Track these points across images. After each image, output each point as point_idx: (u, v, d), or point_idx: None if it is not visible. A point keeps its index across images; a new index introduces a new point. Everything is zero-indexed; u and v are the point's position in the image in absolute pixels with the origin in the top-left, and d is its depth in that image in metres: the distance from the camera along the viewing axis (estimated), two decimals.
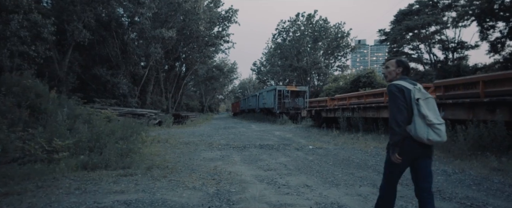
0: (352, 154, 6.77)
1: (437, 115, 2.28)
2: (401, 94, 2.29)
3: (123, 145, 6.05)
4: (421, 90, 2.32)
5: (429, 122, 2.21)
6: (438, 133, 2.22)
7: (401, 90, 2.31)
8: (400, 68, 2.51)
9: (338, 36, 36.87)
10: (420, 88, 2.34)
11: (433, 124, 2.21)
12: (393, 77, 2.53)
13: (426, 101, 2.28)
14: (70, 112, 8.02)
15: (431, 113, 2.24)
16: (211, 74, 50.74)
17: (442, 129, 2.24)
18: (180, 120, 22.69)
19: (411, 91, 2.30)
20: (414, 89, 2.31)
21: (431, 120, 2.21)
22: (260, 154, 6.97)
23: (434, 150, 2.50)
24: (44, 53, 11.64)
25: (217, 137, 11.24)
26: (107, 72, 21.72)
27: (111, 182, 4.07)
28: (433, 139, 2.21)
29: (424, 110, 2.23)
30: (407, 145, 2.28)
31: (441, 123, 2.26)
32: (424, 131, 2.22)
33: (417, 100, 2.26)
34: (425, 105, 2.25)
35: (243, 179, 4.49)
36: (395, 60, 2.58)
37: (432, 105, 2.29)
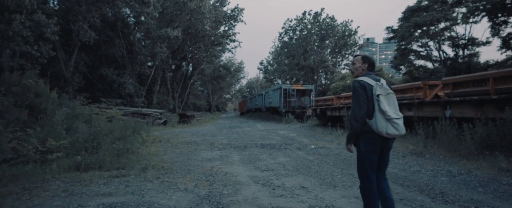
0: (354, 154, 6.54)
1: (396, 110, 2.40)
2: (363, 90, 2.40)
3: (119, 145, 5.96)
4: (383, 86, 2.43)
5: (388, 117, 2.32)
6: (396, 127, 2.34)
7: (363, 86, 2.42)
8: (365, 64, 2.61)
9: (346, 34, 36.43)
10: (383, 84, 2.45)
11: (391, 119, 2.32)
12: (359, 73, 2.62)
13: (387, 96, 2.39)
14: (70, 112, 7.99)
15: (390, 108, 2.36)
16: (218, 74, 50.76)
17: (400, 123, 2.36)
18: (186, 119, 22.67)
19: (373, 87, 2.40)
20: (376, 85, 2.40)
21: (390, 115, 2.32)
22: (260, 154, 6.82)
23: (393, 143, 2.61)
24: (47, 53, 11.67)
25: (220, 137, 11.13)
26: (113, 72, 21.82)
27: (101, 184, 3.97)
28: (392, 132, 2.33)
29: (384, 106, 2.33)
30: (372, 139, 2.39)
31: (399, 117, 2.37)
32: (383, 126, 2.32)
33: (377, 96, 2.36)
34: (385, 101, 2.36)
35: (238, 180, 4.34)
36: (361, 56, 2.67)
37: (392, 101, 2.41)
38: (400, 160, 5.76)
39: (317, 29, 36.98)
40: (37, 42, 11.18)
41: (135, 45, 23.97)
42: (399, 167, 5.18)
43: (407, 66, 25.78)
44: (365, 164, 2.49)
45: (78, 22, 17.22)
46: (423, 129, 7.03)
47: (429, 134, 6.95)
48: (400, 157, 6.07)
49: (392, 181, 4.21)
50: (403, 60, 25.24)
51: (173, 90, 34.14)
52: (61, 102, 8.87)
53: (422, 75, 23.27)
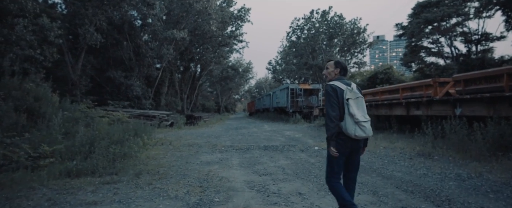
0: None
1: (364, 113, 2.54)
2: (334, 94, 2.55)
3: (115, 150, 5.83)
4: (353, 90, 2.56)
5: (357, 120, 2.46)
6: (363, 129, 2.48)
7: (334, 90, 2.56)
8: (338, 69, 2.74)
9: (354, 32, 35.85)
10: (353, 88, 2.58)
11: (359, 122, 2.47)
12: (332, 77, 2.76)
13: (356, 100, 2.53)
14: (69, 115, 7.93)
15: (358, 111, 2.50)
16: (226, 74, 50.71)
17: (367, 126, 2.51)
18: (193, 121, 22.61)
19: (344, 91, 2.54)
20: (347, 90, 2.55)
21: (358, 118, 2.47)
22: (261, 157, 6.61)
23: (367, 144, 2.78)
24: (51, 56, 11.70)
25: (224, 138, 10.96)
26: (120, 75, 21.93)
27: (89, 192, 3.82)
28: (359, 135, 2.48)
29: (352, 110, 2.48)
30: (342, 140, 2.54)
31: (367, 120, 2.52)
32: (352, 128, 2.47)
33: (347, 100, 2.51)
34: (354, 105, 2.50)
35: (232, 186, 4.14)
36: (334, 61, 2.79)
37: (361, 104, 2.56)
38: (406, 162, 5.46)
39: (325, 27, 36.48)
40: (41, 45, 11.22)
41: (142, 47, 24.07)
42: (404, 170, 4.89)
43: (418, 63, 25.15)
44: (333, 164, 2.65)
45: (84, 25, 17.32)
46: (431, 128, 6.70)
47: (438, 134, 6.62)
48: (406, 159, 5.76)
49: (396, 186, 3.94)
50: (414, 57, 24.63)
51: (181, 92, 34.21)
52: (62, 105, 8.82)
53: (434, 72, 22.63)
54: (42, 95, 8.02)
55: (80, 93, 19.29)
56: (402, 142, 7.49)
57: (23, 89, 7.96)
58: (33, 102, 7.50)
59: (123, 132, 7.84)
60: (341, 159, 2.61)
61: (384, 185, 4.00)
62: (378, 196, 3.53)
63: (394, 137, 8.32)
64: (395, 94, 10.16)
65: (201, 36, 28.45)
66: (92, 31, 17.51)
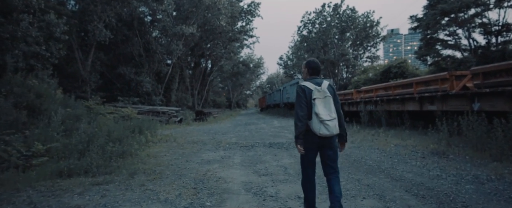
0: (367, 154, 5.91)
1: (330, 112, 2.61)
2: (303, 94, 2.66)
3: (113, 148, 5.65)
4: (322, 90, 2.65)
5: (321, 119, 2.56)
6: (327, 128, 2.56)
7: (303, 90, 2.68)
8: (307, 69, 2.86)
9: (367, 26, 34.95)
10: (322, 88, 2.66)
11: (323, 121, 2.55)
12: (305, 77, 2.90)
13: (324, 100, 2.62)
14: (71, 112, 7.82)
15: (324, 110, 2.59)
16: (237, 70, 50.47)
17: (331, 124, 2.57)
18: (202, 117, 22.51)
19: (312, 92, 2.64)
20: (315, 90, 2.64)
21: (322, 117, 2.56)
22: (264, 155, 6.32)
23: (336, 140, 2.77)
24: (58, 53, 11.66)
25: (230, 135, 10.72)
26: (130, 71, 21.97)
27: (76, 194, 3.62)
28: (323, 133, 2.57)
29: (317, 109, 2.58)
30: (310, 137, 2.65)
31: (331, 119, 2.59)
32: (317, 126, 2.57)
33: (314, 99, 2.61)
34: (320, 104, 2.60)
35: (228, 188, 3.87)
36: (305, 62, 2.91)
37: (328, 104, 2.63)
38: (418, 162, 5.06)
39: (337, 21, 35.71)
40: (47, 42, 11.17)
41: (152, 43, 24.03)
42: (415, 170, 4.50)
43: (433, 56, 24.19)
44: (304, 159, 2.80)
45: (93, 22, 17.33)
46: (446, 125, 6.25)
47: (454, 131, 6.18)
48: (418, 158, 5.36)
49: (405, 189, 3.59)
50: (429, 50, 23.68)
51: (192, 88, 34.19)
52: (66, 102, 8.73)
53: (450, 66, 21.72)
54: (44, 92, 7.92)
55: (90, 89, 19.39)
56: (415, 139, 7.06)
57: (26, 86, 7.89)
58: (34, 99, 7.41)
59: (124, 129, 7.68)
60: (310, 156, 2.74)
61: (392, 188, 3.65)
62: (385, 201, 3.19)
63: (406, 134, 7.89)
64: (408, 89, 9.68)
65: (211, 31, 28.25)
66: (101, 28, 17.51)
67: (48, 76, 11.69)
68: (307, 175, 2.82)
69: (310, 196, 2.77)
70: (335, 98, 2.74)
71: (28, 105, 7.17)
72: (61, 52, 11.92)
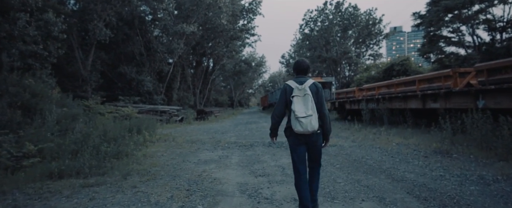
0: (368, 153, 5.74)
1: (307, 109, 2.64)
2: (284, 93, 2.79)
3: (107, 148, 5.52)
4: (302, 89, 2.71)
5: (296, 116, 2.62)
6: (301, 125, 2.60)
7: (285, 88, 2.81)
8: (293, 70, 3.00)
9: (370, 23, 34.65)
10: (303, 87, 2.72)
11: (298, 118, 2.60)
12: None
13: (303, 97, 2.68)
14: (67, 111, 7.71)
15: (300, 108, 2.64)
16: (239, 69, 50.29)
17: (304, 121, 2.59)
18: (203, 116, 22.39)
19: (293, 90, 2.73)
20: (295, 88, 2.73)
21: (297, 114, 2.61)
22: (262, 154, 6.18)
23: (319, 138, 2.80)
24: (56, 52, 11.56)
25: (230, 134, 10.59)
26: (132, 70, 21.89)
27: (64, 197, 3.49)
28: (298, 130, 2.62)
29: (294, 106, 2.66)
30: (292, 134, 2.74)
31: (306, 116, 2.61)
32: (294, 123, 2.65)
33: (292, 97, 2.69)
34: (298, 102, 2.67)
35: (223, 190, 3.73)
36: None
37: (306, 102, 2.66)
38: (421, 161, 4.88)
39: (339, 19, 35.42)
40: (45, 41, 11.08)
41: (153, 42, 23.94)
42: (418, 170, 4.33)
43: (437, 53, 23.88)
44: (293, 155, 2.86)
45: (93, 21, 17.24)
46: (450, 123, 6.07)
47: (458, 129, 6.00)
48: (420, 157, 5.19)
49: (407, 191, 3.43)
50: (432, 47, 23.38)
51: (193, 87, 34.11)
52: (63, 101, 8.63)
53: (454, 63, 21.43)
54: (40, 91, 7.81)
55: (91, 88, 19.32)
56: (417, 138, 6.88)
57: (22, 85, 7.78)
58: (29, 99, 7.30)
59: (122, 129, 7.57)
60: (299, 151, 2.80)
61: (393, 190, 3.49)
62: (385, 204, 3.04)
63: (408, 132, 7.71)
64: (411, 86, 9.50)
65: (212, 30, 28.13)
66: (101, 27, 17.41)
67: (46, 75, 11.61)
68: (298, 173, 2.81)
69: (304, 195, 2.74)
70: (318, 97, 2.76)
71: (22, 104, 7.06)
72: (59, 51, 11.82)
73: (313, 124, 2.60)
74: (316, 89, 2.77)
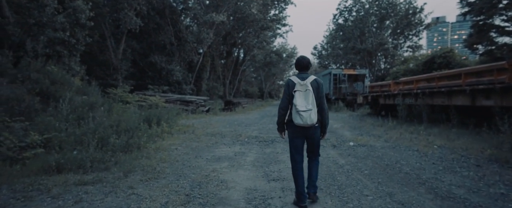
0: (403, 157, 4.94)
1: (307, 104, 2.82)
2: (287, 87, 3.01)
3: (116, 140, 5.20)
4: (304, 84, 2.89)
5: (297, 109, 2.81)
6: (301, 118, 2.79)
7: (288, 84, 3.02)
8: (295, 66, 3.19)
9: (409, 13, 32.32)
10: (305, 83, 2.90)
11: (299, 111, 2.80)
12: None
13: (305, 92, 2.86)
14: (86, 100, 7.55)
15: (301, 102, 2.83)
16: (269, 60, 49.51)
17: (305, 115, 2.78)
18: (231, 107, 22.10)
19: (295, 85, 2.92)
20: (297, 83, 2.92)
21: (298, 108, 2.81)
22: (282, 153, 5.59)
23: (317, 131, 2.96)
24: (84, 39, 11.59)
25: (253, 127, 10.08)
26: (162, 59, 22.01)
27: (50, 197, 3.12)
28: (298, 122, 2.82)
29: (295, 100, 2.85)
30: (293, 126, 2.93)
31: (306, 110, 2.79)
32: (295, 117, 2.84)
33: (294, 92, 2.89)
34: (299, 96, 2.86)
35: (226, 197, 3.20)
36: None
37: (307, 97, 2.85)
38: (472, 171, 4.03)
39: (376, 8, 33.39)
40: (73, 28, 11.12)
41: (183, 32, 23.87)
42: (469, 184, 3.51)
43: (486, 45, 21.64)
44: (291, 146, 3.06)
45: (124, 9, 17.32)
46: (509, 124, 5.09)
47: None
48: (471, 166, 4.32)
49: None
50: (481, 38, 21.19)
51: (223, 77, 34.00)
52: (84, 89, 8.52)
53: (507, 55, 19.31)
54: (60, 78, 7.71)
55: (121, 77, 19.61)
56: (465, 141, 5.93)
57: (44, 72, 7.73)
58: (49, 86, 7.20)
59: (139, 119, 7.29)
60: (296, 144, 3.01)
61: (439, 206, 2.77)
62: None
63: (453, 133, 6.73)
64: (456, 80, 8.40)
65: (243, 20, 27.62)
66: (131, 15, 17.46)
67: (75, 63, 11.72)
68: (295, 162, 3.05)
69: (300, 182, 2.95)
70: (318, 92, 2.93)
71: (41, 91, 6.96)
72: (87, 38, 11.84)
73: (313, 118, 2.79)
74: (317, 85, 2.95)
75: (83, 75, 12.04)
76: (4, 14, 9.63)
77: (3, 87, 6.90)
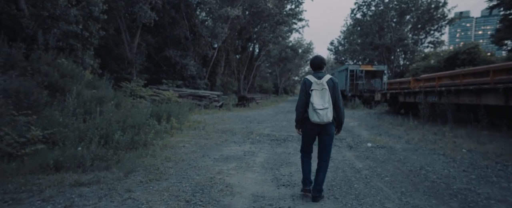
0: (428, 162, 4.49)
1: (324, 102, 2.93)
2: (304, 86, 3.11)
3: (120, 137, 4.97)
4: (320, 83, 2.99)
5: (314, 108, 2.92)
6: (318, 116, 2.91)
7: (305, 82, 3.14)
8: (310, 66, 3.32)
9: (432, 7, 31.02)
10: (322, 82, 2.99)
11: (316, 109, 2.91)
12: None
13: (321, 91, 2.96)
14: (96, 94, 7.39)
15: (318, 101, 2.94)
16: (284, 55, 48.88)
17: (322, 113, 2.90)
18: (244, 102, 21.84)
19: (312, 84, 3.02)
20: (314, 82, 3.02)
21: (315, 106, 2.92)
22: (294, 153, 5.24)
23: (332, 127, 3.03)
24: (97, 33, 11.50)
25: (265, 124, 9.75)
26: (176, 54, 21.92)
27: (40, 200, 2.88)
28: (315, 120, 2.93)
29: (313, 99, 2.95)
30: (308, 123, 3.05)
31: (323, 108, 2.91)
32: (312, 114, 2.95)
33: (311, 91, 2.99)
34: (316, 95, 2.96)
35: (229, 205, 2.89)
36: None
37: (324, 95, 2.95)
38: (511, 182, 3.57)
39: (396, 2, 32.24)
40: (86, 21, 11.04)
41: (198, 26, 23.69)
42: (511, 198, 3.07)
43: None
44: (303, 142, 3.24)
45: (139, 3, 17.23)
46: None
47: None
48: (510, 175, 3.79)
49: None
50: (510, 32, 20.04)
51: (238, 72, 33.76)
52: (94, 83, 8.39)
53: None
54: (70, 71, 7.58)
55: (136, 71, 19.63)
56: (498, 145, 5.38)
57: (55, 65, 7.62)
58: (58, 79, 7.07)
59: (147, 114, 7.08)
60: (308, 139, 3.16)
61: None
62: None
63: (483, 136, 6.18)
64: (483, 78, 7.84)
65: (258, 14, 27.18)
66: (146, 9, 17.35)
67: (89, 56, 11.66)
68: (305, 152, 3.25)
69: (306, 169, 3.21)
70: (334, 91, 3.01)
71: (50, 84, 6.84)
72: (100, 32, 11.75)
73: (329, 116, 2.90)
74: (333, 84, 3.02)
75: (97, 68, 11.99)
76: (20, 7, 9.61)
77: (12, 79, 6.84)
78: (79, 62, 10.53)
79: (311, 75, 3.09)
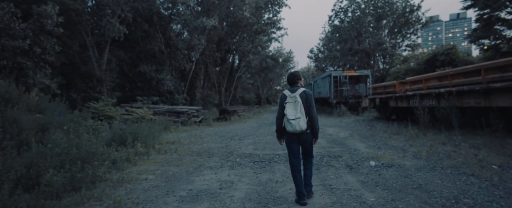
0: (460, 189, 3.43)
1: (296, 113, 3.24)
2: (280, 100, 3.49)
3: (53, 177, 3.75)
4: (293, 96, 3.33)
5: (287, 118, 3.26)
6: (291, 125, 3.24)
7: (281, 97, 3.50)
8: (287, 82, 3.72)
9: (407, 11, 31.28)
10: (295, 95, 3.32)
11: (289, 119, 3.25)
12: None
13: (294, 103, 3.29)
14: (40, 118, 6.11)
15: (291, 112, 3.26)
16: (265, 65, 48.25)
17: (293, 122, 3.22)
18: (226, 116, 20.65)
19: (286, 97, 3.37)
20: (289, 96, 3.36)
21: (288, 117, 3.25)
22: (283, 180, 4.18)
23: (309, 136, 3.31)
24: (52, 48, 10.19)
25: (248, 141, 8.67)
26: (151, 69, 20.72)
27: None
28: (289, 129, 3.27)
29: (286, 111, 3.29)
30: (287, 133, 3.35)
31: (295, 118, 3.22)
32: (287, 124, 3.28)
33: (285, 103, 3.34)
34: (289, 107, 3.30)
35: None
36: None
37: (296, 107, 3.27)
38: None
39: (372, 8, 32.36)
40: (37, 36, 9.73)
41: (173, 39, 22.60)
42: None
43: (493, 39, 20.47)
44: (288, 151, 3.46)
45: (106, 16, 16.00)
46: None
47: None
48: None
49: None
50: (488, 32, 20.03)
51: (218, 85, 32.73)
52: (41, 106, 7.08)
53: None
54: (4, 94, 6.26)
55: (106, 89, 18.25)
56: None
57: None
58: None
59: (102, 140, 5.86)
60: (293, 148, 3.42)
61: None
62: None
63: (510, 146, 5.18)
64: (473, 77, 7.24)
65: (236, 24, 26.45)
66: (114, 22, 16.14)
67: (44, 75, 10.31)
68: (293, 165, 3.42)
69: (299, 182, 3.32)
70: (307, 102, 3.32)
71: None
72: (56, 47, 10.43)
73: (301, 125, 3.20)
74: (305, 96, 3.34)
75: (54, 88, 10.63)
76: None
77: None
78: (30, 82, 9.18)
79: (287, 90, 3.45)
